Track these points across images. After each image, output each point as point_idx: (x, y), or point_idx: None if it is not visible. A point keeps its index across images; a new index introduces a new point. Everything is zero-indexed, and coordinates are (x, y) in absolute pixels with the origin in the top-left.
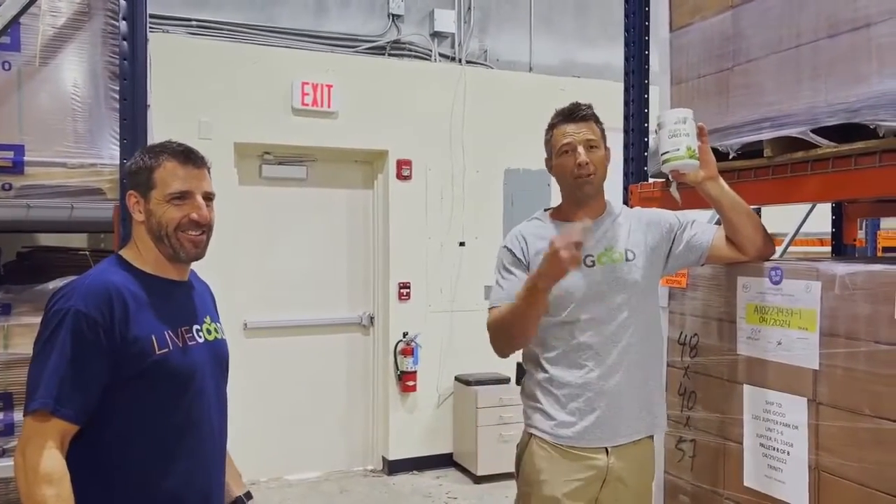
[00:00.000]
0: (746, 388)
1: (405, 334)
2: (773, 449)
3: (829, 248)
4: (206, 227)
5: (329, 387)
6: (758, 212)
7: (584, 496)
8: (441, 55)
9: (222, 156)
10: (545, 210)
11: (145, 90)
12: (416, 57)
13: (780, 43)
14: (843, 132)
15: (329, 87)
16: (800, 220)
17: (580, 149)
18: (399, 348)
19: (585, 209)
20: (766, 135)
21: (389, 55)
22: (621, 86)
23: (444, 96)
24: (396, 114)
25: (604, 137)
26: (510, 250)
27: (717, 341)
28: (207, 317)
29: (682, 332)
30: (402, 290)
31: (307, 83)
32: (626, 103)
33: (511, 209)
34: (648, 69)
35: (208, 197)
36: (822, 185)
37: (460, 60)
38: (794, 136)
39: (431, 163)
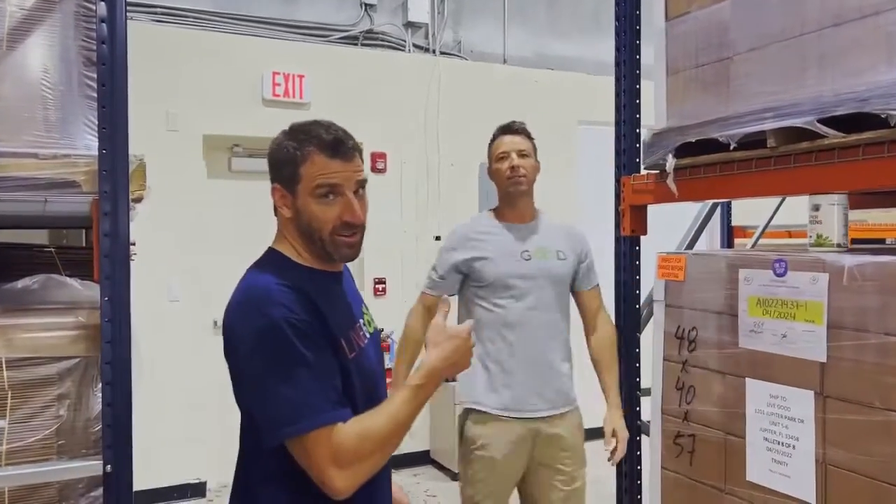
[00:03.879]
0: (749, 381)
1: (381, 331)
2: (778, 443)
3: (800, 241)
4: (359, 227)
5: None
6: (728, 205)
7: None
8: (415, 46)
9: (190, 148)
10: (489, 210)
11: (125, 75)
12: (389, 47)
13: (783, 31)
14: (847, 123)
15: (301, 77)
16: (767, 211)
17: (514, 154)
18: None
19: (517, 210)
20: (770, 125)
21: (362, 45)
22: (594, 78)
23: (418, 88)
24: (370, 105)
25: (534, 150)
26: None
27: (717, 335)
28: (363, 305)
29: (679, 326)
30: (377, 286)
31: (278, 73)
32: (618, 94)
33: (486, 203)
34: (640, 59)
35: (360, 186)
36: (827, 176)
37: (434, 51)
38: (799, 126)
39: (406, 156)
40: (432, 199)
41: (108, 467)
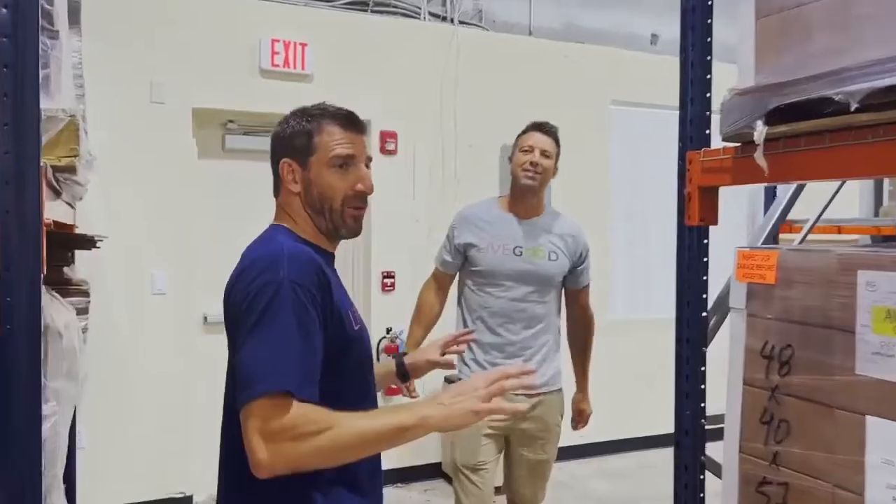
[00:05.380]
0: (871, 420)
1: (389, 330)
2: None
3: (850, 237)
4: (366, 199)
5: None
6: (800, 189)
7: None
8: (431, 14)
9: (178, 124)
10: (500, 196)
11: (37, 21)
12: (402, 14)
13: None
14: None
15: (303, 45)
16: (814, 203)
17: (537, 151)
18: (382, 346)
19: (524, 205)
20: None
21: (372, 11)
22: (629, 54)
23: (434, 60)
24: (380, 79)
25: (557, 156)
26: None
27: (823, 356)
28: None
29: (766, 342)
30: (385, 281)
31: (277, 41)
32: (684, 49)
33: (506, 190)
34: (712, 6)
35: (368, 161)
36: None
37: (452, 20)
38: None
39: (419, 135)
40: (448, 184)
41: None
